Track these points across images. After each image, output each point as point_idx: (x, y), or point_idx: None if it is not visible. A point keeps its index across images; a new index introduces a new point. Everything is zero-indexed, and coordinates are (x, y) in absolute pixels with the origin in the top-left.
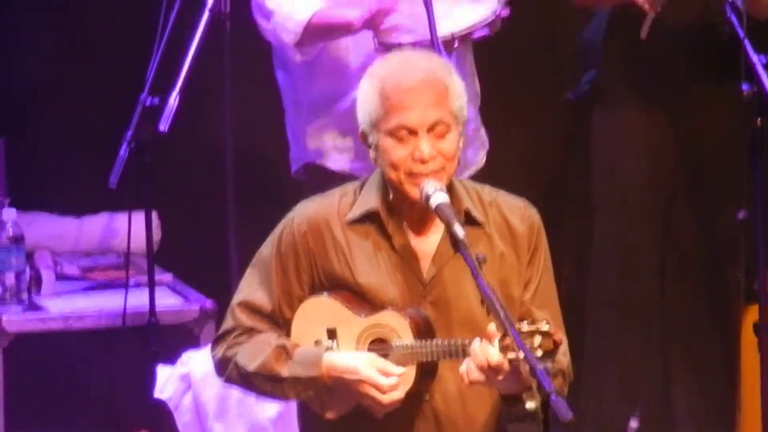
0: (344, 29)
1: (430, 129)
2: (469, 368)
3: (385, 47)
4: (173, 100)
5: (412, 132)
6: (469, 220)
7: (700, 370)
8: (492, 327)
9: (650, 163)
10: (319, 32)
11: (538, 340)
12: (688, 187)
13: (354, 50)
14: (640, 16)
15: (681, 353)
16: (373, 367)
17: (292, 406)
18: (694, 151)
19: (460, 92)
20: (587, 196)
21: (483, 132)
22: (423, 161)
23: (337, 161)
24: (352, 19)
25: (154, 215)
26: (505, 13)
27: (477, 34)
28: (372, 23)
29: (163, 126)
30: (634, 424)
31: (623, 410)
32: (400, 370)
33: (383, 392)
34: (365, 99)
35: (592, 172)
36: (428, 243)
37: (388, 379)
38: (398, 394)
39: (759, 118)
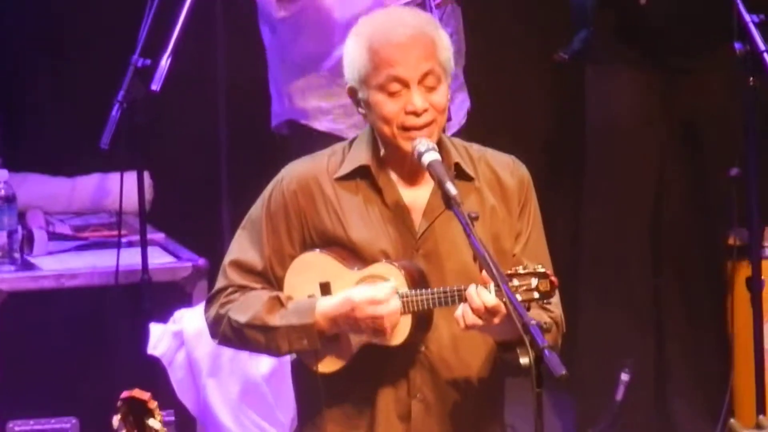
0: None
1: (421, 81)
2: (465, 312)
3: None
4: (165, 60)
5: (404, 84)
6: (459, 174)
7: (693, 328)
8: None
9: (643, 121)
10: None
11: (534, 281)
12: (682, 144)
13: (339, 8)
14: None
15: (674, 311)
16: (362, 289)
17: (286, 363)
18: (688, 109)
19: (447, 45)
20: (580, 156)
21: (465, 90)
22: (416, 114)
23: (322, 122)
24: None
25: (147, 175)
26: None
27: None
28: None
29: (155, 86)
30: (624, 377)
31: (615, 365)
32: (390, 282)
33: (381, 302)
34: (354, 56)
35: (585, 131)
36: (419, 196)
37: (381, 288)
38: (396, 302)
39: (752, 78)
